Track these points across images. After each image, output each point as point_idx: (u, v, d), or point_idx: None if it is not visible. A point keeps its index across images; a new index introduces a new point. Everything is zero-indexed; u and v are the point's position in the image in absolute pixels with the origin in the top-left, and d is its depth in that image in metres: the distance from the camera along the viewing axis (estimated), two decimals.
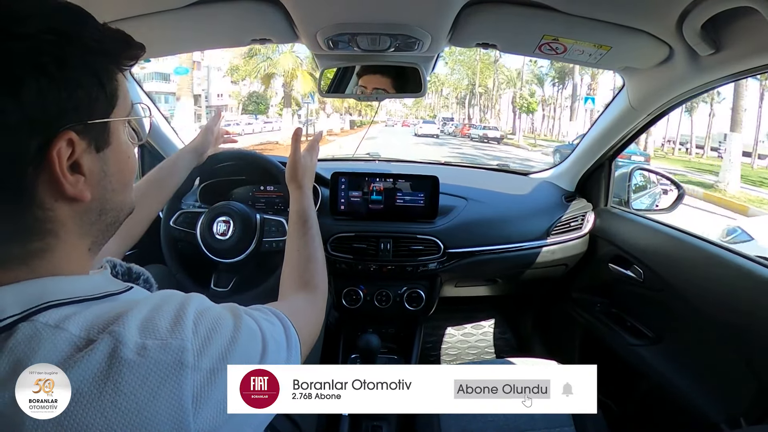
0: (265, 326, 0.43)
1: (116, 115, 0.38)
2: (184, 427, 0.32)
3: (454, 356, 1.78)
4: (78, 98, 0.34)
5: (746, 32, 0.72)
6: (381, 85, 1.11)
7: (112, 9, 0.80)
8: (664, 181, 1.45)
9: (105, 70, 0.37)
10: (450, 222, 1.30)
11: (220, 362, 0.36)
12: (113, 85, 0.38)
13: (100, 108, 0.36)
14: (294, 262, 0.70)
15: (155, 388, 0.32)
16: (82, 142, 0.35)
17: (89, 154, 0.36)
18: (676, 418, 1.10)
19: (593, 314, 1.39)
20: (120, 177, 0.40)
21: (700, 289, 1.01)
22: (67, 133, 0.33)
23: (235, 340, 0.38)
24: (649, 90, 1.04)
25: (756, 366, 0.90)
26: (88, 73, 0.35)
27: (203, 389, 0.34)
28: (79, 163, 0.35)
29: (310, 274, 0.67)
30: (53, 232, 0.36)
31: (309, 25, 0.88)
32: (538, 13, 0.81)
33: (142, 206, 0.82)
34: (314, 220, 0.75)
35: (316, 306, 0.64)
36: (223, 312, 0.40)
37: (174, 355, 0.33)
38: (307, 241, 0.72)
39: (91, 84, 0.35)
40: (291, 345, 0.46)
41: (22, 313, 0.32)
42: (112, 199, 0.40)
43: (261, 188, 1.28)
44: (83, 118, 0.35)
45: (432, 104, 42.52)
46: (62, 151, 0.33)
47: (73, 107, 0.34)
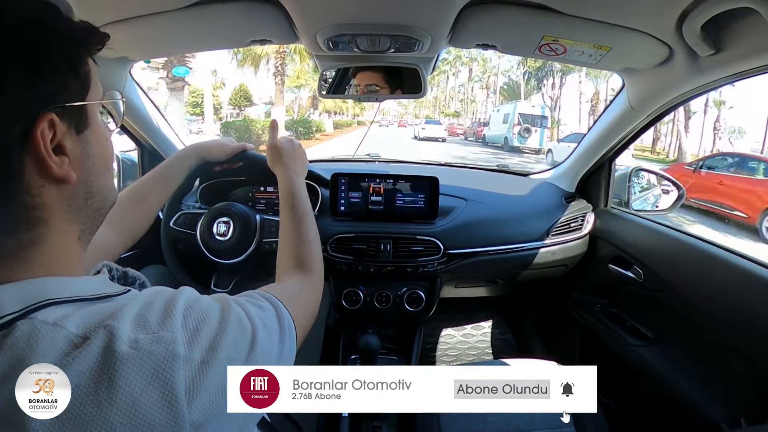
0: (253, 312, 0.43)
1: (91, 99, 0.40)
2: (178, 417, 0.33)
3: (454, 357, 1.78)
4: (56, 83, 0.36)
5: (746, 33, 0.72)
6: (381, 86, 1.11)
7: (113, 9, 0.80)
8: (664, 181, 1.45)
9: (78, 56, 0.38)
10: (450, 223, 1.30)
11: (210, 352, 0.36)
12: (85, 69, 0.39)
13: (75, 92, 0.38)
14: (285, 245, 0.69)
15: (149, 380, 0.32)
16: (63, 124, 0.36)
17: (70, 136, 0.38)
18: (676, 418, 1.10)
19: (593, 315, 1.39)
20: (101, 159, 0.41)
21: (700, 289, 1.01)
22: (47, 114, 0.35)
23: (224, 329, 0.38)
24: (649, 91, 1.04)
25: (756, 366, 0.90)
26: (63, 60, 0.37)
27: (195, 379, 0.34)
28: (62, 144, 0.37)
29: (302, 256, 0.67)
30: (42, 219, 0.36)
31: (309, 25, 0.88)
32: (538, 14, 0.81)
33: (148, 200, 0.82)
34: (303, 201, 0.76)
35: (310, 287, 0.63)
36: (211, 303, 0.41)
37: (166, 347, 0.34)
38: (297, 223, 0.71)
39: (65, 70, 0.37)
40: (284, 328, 0.46)
41: (21, 310, 0.33)
42: (97, 182, 0.41)
43: (261, 189, 1.28)
44: (61, 101, 0.36)
45: (436, 99, 38.82)
46: (45, 132, 0.35)
47: (52, 92, 0.36)
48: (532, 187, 1.50)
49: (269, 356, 0.42)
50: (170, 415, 0.32)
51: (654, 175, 1.52)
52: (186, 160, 0.90)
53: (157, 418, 0.32)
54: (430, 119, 27.10)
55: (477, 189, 1.42)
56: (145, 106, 1.27)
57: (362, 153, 1.77)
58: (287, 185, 0.78)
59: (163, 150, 1.35)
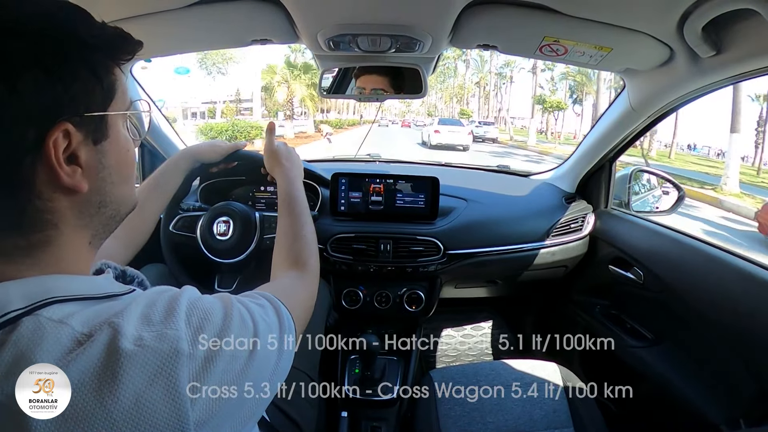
0: (255, 310, 0.44)
1: (114, 110, 0.39)
2: (182, 414, 0.33)
3: (454, 357, 1.78)
4: (74, 91, 0.35)
5: (747, 34, 0.72)
6: (381, 86, 1.12)
7: (113, 9, 0.80)
8: (665, 182, 1.45)
9: (102, 64, 0.38)
10: (450, 223, 1.30)
11: (213, 350, 0.37)
12: (110, 79, 0.39)
13: (96, 101, 0.37)
14: (282, 242, 0.71)
15: (153, 377, 0.32)
16: (79, 133, 0.36)
17: (86, 146, 0.37)
18: (675, 420, 1.10)
19: (593, 316, 1.39)
20: (119, 170, 0.41)
21: (700, 290, 1.01)
22: (63, 124, 0.35)
23: (227, 327, 0.39)
24: (650, 92, 1.04)
25: (756, 367, 0.90)
26: (85, 68, 0.36)
27: (199, 376, 0.35)
28: (76, 154, 0.36)
29: (298, 252, 0.68)
30: (52, 223, 0.36)
31: (310, 25, 0.88)
32: (539, 15, 0.81)
33: (147, 207, 0.83)
34: (299, 200, 0.77)
35: (306, 283, 0.64)
36: (214, 301, 0.41)
37: (170, 344, 0.34)
38: (294, 220, 0.73)
39: (87, 78, 0.36)
40: (284, 325, 0.47)
41: (26, 307, 0.33)
42: (112, 192, 0.41)
43: (261, 188, 1.28)
44: (80, 110, 0.36)
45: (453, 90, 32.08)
46: (58, 141, 0.34)
47: (70, 100, 0.35)
48: (533, 187, 1.50)
49: (271, 353, 0.43)
50: (173, 411, 0.33)
51: (654, 176, 1.52)
52: (180, 164, 0.91)
53: (161, 415, 0.32)
54: (446, 119, 18.49)
55: (477, 189, 1.42)
56: None
57: (362, 153, 1.77)
58: (286, 186, 0.79)
59: (163, 150, 1.36)
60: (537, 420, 0.91)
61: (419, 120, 28.83)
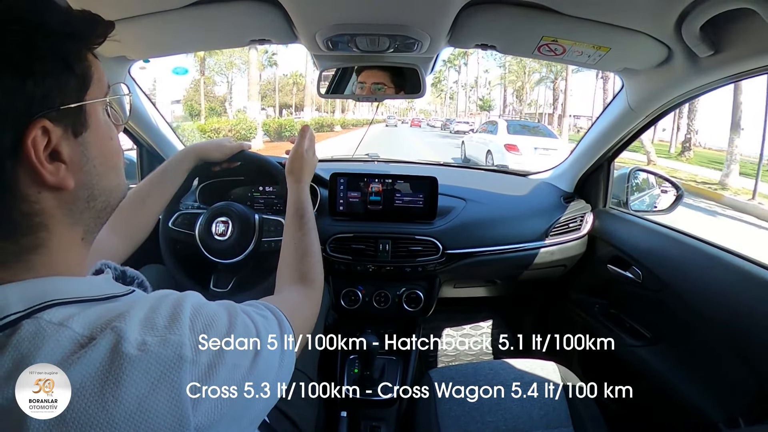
0: (258, 321, 0.44)
1: (91, 98, 0.37)
2: (183, 420, 0.33)
3: (453, 357, 1.78)
4: (47, 85, 0.33)
5: (745, 34, 0.72)
6: (382, 80, 1.11)
7: (112, 9, 0.80)
8: (663, 182, 1.45)
9: (73, 52, 0.36)
10: (449, 223, 1.30)
11: (217, 357, 0.36)
12: (84, 66, 0.37)
13: (71, 92, 0.35)
14: (290, 256, 0.70)
15: (156, 382, 0.32)
16: (58, 128, 0.34)
17: (67, 141, 0.35)
18: (674, 419, 1.10)
19: (592, 315, 1.39)
20: (104, 160, 0.39)
21: (699, 289, 1.01)
22: (40, 121, 0.33)
23: (230, 334, 0.39)
24: (648, 91, 1.04)
25: (754, 366, 0.90)
26: (55, 59, 0.34)
27: (202, 383, 0.35)
28: (58, 150, 0.35)
29: (306, 268, 0.68)
30: (43, 225, 0.35)
31: (308, 25, 0.88)
32: (537, 15, 0.81)
33: (149, 203, 0.83)
34: (311, 214, 0.77)
35: (311, 299, 0.65)
36: (218, 308, 0.41)
37: (173, 350, 0.34)
38: (304, 235, 0.73)
39: (59, 69, 0.34)
40: (285, 338, 0.47)
41: (26, 310, 0.32)
42: (99, 184, 0.39)
43: (260, 189, 1.28)
44: (55, 104, 0.34)
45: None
46: (37, 140, 0.33)
47: (43, 95, 0.33)
48: (531, 187, 1.50)
49: (272, 363, 0.43)
50: (175, 417, 0.32)
51: (653, 176, 1.52)
52: (184, 162, 0.90)
53: (162, 421, 0.32)
54: (523, 123, 11.01)
55: (476, 189, 1.42)
56: (144, 106, 1.27)
57: (361, 153, 1.78)
58: (299, 195, 0.78)
59: (162, 150, 1.35)
60: (536, 419, 0.91)
61: (433, 120, 22.92)
